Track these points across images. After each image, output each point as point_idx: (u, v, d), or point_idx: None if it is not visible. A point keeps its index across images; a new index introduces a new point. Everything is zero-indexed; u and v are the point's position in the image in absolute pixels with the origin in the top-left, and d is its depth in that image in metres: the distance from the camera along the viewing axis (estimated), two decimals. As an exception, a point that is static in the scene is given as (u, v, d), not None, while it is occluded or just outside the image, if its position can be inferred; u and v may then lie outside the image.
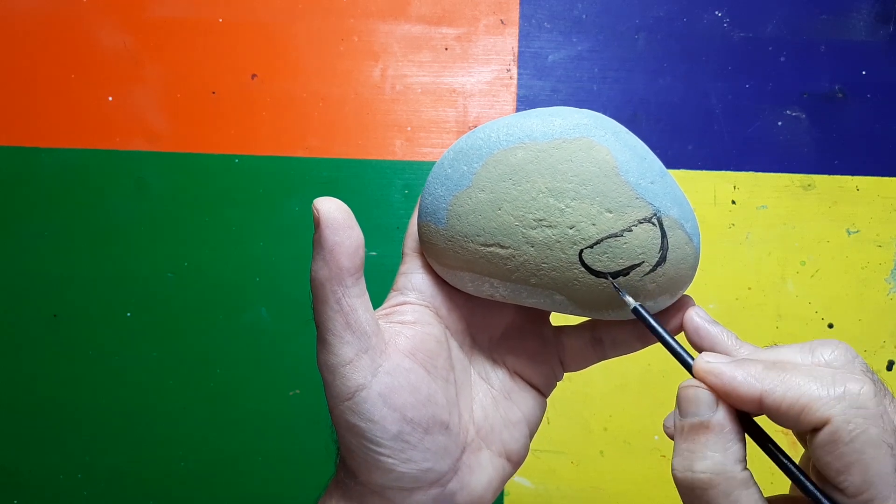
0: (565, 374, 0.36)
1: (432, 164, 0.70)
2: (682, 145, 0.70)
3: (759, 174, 0.70)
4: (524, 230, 0.28)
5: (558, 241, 0.28)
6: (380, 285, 0.35)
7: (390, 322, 0.30)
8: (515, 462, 0.33)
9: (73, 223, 0.70)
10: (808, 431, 0.23)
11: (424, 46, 0.70)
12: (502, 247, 0.29)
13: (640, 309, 0.28)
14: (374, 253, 0.69)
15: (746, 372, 0.24)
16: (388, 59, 0.70)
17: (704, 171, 0.70)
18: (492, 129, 0.29)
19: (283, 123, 0.70)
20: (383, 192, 0.70)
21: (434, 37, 0.70)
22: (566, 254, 0.28)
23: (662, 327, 0.28)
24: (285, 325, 0.70)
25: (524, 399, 0.34)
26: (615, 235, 0.28)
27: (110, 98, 0.70)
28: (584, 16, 0.70)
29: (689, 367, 0.26)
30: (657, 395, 0.69)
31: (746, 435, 0.25)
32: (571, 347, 0.34)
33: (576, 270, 0.28)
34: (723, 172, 0.70)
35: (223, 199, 0.70)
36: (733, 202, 0.70)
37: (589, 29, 0.70)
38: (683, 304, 0.30)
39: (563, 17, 0.70)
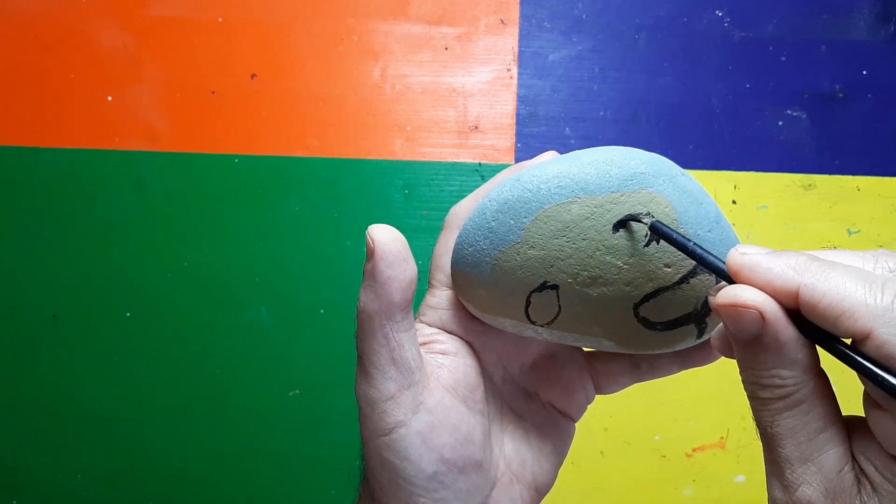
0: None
1: (432, 163, 0.70)
2: (682, 145, 0.70)
3: (760, 174, 0.70)
4: (577, 287, 0.27)
5: (613, 298, 0.27)
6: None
7: (430, 352, 0.29)
8: (543, 492, 0.33)
9: (73, 223, 0.70)
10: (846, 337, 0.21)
11: (424, 46, 0.70)
12: (552, 303, 0.27)
13: (660, 224, 0.26)
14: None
15: (785, 262, 0.21)
16: (388, 59, 0.70)
17: (705, 171, 0.70)
18: (540, 180, 0.27)
19: (283, 123, 0.70)
20: (383, 192, 0.70)
21: (434, 36, 0.70)
22: (620, 308, 0.27)
23: (687, 239, 0.25)
24: (285, 325, 0.70)
25: (556, 430, 0.33)
26: (671, 288, 0.26)
27: (110, 98, 0.70)
28: (584, 16, 0.70)
29: (720, 272, 0.23)
30: (657, 396, 0.69)
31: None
32: (607, 373, 0.33)
33: (627, 322, 0.27)
34: (723, 172, 0.70)
35: (223, 199, 0.70)
36: (734, 202, 0.70)
37: (589, 29, 0.70)
38: None
39: (563, 17, 0.70)
